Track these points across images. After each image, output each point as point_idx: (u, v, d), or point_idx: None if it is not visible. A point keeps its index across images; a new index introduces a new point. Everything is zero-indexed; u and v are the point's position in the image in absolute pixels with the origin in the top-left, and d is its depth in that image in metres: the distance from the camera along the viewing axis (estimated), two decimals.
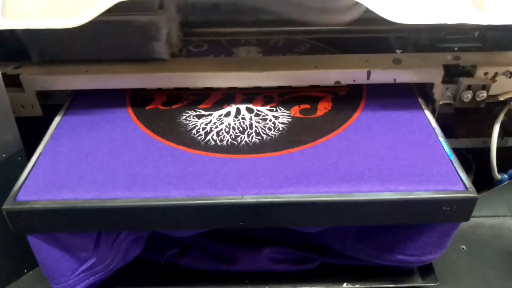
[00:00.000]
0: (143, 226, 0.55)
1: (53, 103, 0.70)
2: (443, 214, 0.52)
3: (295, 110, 0.65)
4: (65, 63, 0.67)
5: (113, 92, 0.68)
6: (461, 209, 0.51)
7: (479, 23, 0.57)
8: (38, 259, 0.55)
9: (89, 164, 0.55)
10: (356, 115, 0.63)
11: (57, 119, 0.64)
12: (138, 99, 0.68)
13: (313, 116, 0.64)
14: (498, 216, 0.68)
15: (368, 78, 0.66)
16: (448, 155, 0.55)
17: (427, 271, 0.62)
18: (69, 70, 0.67)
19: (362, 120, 0.62)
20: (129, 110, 0.66)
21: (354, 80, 0.67)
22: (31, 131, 0.63)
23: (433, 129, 0.60)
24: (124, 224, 0.53)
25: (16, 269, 0.63)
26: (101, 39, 0.65)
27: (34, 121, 0.68)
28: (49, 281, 0.57)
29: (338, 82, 0.67)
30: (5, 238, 0.51)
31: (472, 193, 0.51)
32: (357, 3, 0.63)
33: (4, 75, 0.61)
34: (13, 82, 0.65)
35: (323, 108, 0.65)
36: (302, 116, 0.64)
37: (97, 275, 0.58)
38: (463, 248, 0.64)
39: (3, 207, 0.50)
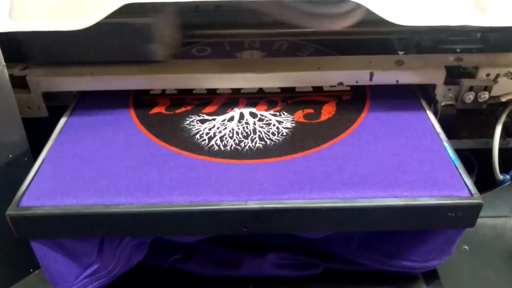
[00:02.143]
0: (146, 232, 0.55)
1: (59, 104, 0.70)
2: (448, 220, 0.51)
3: (299, 115, 0.65)
4: (70, 64, 0.68)
5: (117, 96, 0.68)
6: (466, 215, 0.51)
7: (480, 25, 0.57)
8: (42, 265, 0.55)
9: (93, 170, 0.55)
10: (360, 119, 0.63)
11: (61, 122, 0.64)
12: (141, 104, 0.68)
13: (317, 121, 0.63)
14: (500, 216, 0.68)
15: (370, 79, 0.66)
16: (453, 161, 0.55)
17: (431, 276, 0.61)
18: (74, 71, 0.67)
19: (366, 125, 0.62)
20: (133, 115, 0.65)
21: (357, 82, 0.67)
22: (37, 132, 0.63)
23: (438, 134, 0.60)
24: (127, 229, 0.53)
25: (22, 268, 0.63)
26: (101, 41, 0.65)
27: (40, 122, 0.68)
28: (52, 286, 0.57)
29: (341, 83, 0.67)
30: (11, 237, 0.51)
31: (477, 199, 0.50)
32: (357, 8, 0.63)
33: (11, 76, 0.61)
34: (19, 84, 0.66)
35: (327, 112, 0.65)
36: (306, 120, 0.63)
37: (100, 281, 0.57)
38: (465, 248, 0.64)
39: (6, 213, 0.50)
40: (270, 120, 0.64)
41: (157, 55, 0.67)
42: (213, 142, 0.60)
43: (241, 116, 0.65)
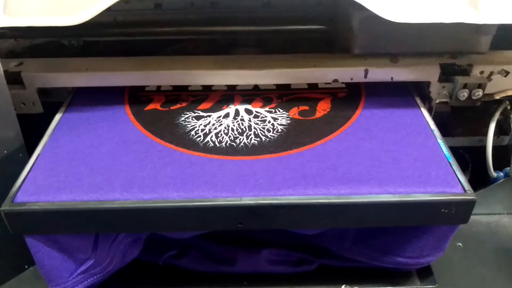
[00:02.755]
0: (142, 228, 0.55)
1: (54, 100, 0.70)
2: (442, 217, 0.52)
3: (294, 112, 0.65)
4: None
5: (112, 92, 0.68)
6: (460, 211, 0.52)
7: (474, 22, 0.57)
8: (36, 261, 0.55)
9: (88, 166, 0.55)
10: (355, 116, 0.63)
11: (56, 118, 0.64)
12: (136, 100, 0.68)
13: (312, 117, 0.64)
14: (494, 214, 0.69)
15: (365, 76, 0.67)
16: (447, 157, 0.55)
17: (425, 273, 0.61)
18: (69, 67, 0.67)
19: (361, 121, 0.62)
20: (128, 111, 0.65)
21: (351, 79, 0.67)
22: (32, 128, 0.63)
23: (432, 131, 0.60)
24: (122, 225, 0.53)
25: (17, 265, 0.63)
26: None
27: (35, 118, 0.68)
28: (47, 282, 0.57)
29: (336, 80, 0.67)
30: (6, 233, 0.51)
31: (470, 196, 0.51)
32: None
33: (5, 72, 0.61)
34: (14, 79, 0.66)
35: (322, 109, 0.65)
36: (301, 117, 0.64)
37: (95, 277, 0.57)
38: (459, 245, 0.64)
39: (1, 208, 0.50)
40: (266, 117, 0.64)
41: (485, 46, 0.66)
42: (208, 138, 0.60)
43: (237, 112, 0.65)
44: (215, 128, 0.62)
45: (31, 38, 0.78)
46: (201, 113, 0.65)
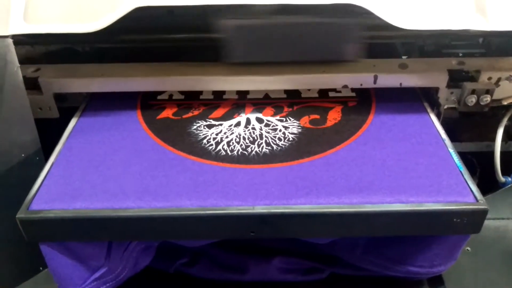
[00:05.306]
0: (154, 236, 0.55)
1: (69, 105, 0.72)
2: (454, 226, 0.52)
3: (305, 120, 0.65)
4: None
5: (125, 100, 0.69)
6: (472, 221, 0.52)
7: (482, 29, 0.58)
8: (50, 267, 0.55)
9: (101, 174, 0.55)
10: (366, 125, 0.64)
11: (70, 125, 0.65)
12: (149, 108, 0.68)
13: (323, 126, 0.64)
14: (502, 218, 0.69)
15: (375, 82, 0.67)
16: (458, 167, 0.55)
17: (436, 282, 0.61)
18: (85, 73, 0.68)
19: (372, 130, 0.63)
20: (140, 119, 0.66)
21: (361, 84, 0.68)
22: (48, 132, 0.64)
23: (443, 140, 0.60)
24: (135, 233, 0.53)
25: (32, 267, 0.63)
26: (302, 40, 0.65)
27: (51, 122, 0.69)
28: None
29: (345, 86, 0.68)
30: (22, 235, 0.52)
31: (482, 205, 0.51)
32: None
33: (24, 77, 0.62)
34: (32, 85, 0.67)
35: (332, 118, 0.65)
36: (312, 126, 0.64)
37: (107, 284, 0.58)
38: (467, 250, 0.64)
39: (16, 216, 0.50)
40: (277, 125, 0.64)
41: (354, 54, 0.67)
42: (220, 147, 0.60)
43: (248, 121, 0.65)
44: (227, 137, 0.62)
45: (47, 44, 0.79)
46: (213, 122, 0.66)
